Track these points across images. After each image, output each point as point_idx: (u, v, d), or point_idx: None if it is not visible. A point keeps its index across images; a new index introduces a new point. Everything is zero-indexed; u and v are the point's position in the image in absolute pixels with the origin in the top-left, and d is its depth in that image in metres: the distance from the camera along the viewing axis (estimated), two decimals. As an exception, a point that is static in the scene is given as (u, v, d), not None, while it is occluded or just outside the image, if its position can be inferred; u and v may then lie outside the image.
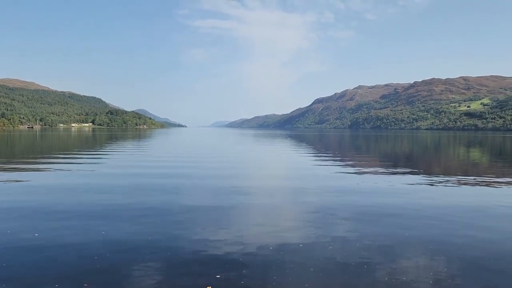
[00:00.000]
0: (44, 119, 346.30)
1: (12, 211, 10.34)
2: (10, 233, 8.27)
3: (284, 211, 10.98)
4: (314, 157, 30.71)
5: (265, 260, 6.84)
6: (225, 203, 11.65)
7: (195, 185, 15.22)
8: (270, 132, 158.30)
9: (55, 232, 8.37)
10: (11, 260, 6.71)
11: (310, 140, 73.74)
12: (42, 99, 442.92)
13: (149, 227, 8.86)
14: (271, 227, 9.05)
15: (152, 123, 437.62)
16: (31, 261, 6.69)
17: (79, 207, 10.97)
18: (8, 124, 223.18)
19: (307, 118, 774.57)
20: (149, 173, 19.13)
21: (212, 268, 6.42)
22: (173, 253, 7.14)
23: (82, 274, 6.12)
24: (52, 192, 13.44)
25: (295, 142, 60.02)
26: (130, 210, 10.64)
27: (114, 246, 7.52)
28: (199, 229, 8.76)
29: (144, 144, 53.36)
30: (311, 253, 7.17)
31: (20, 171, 19.49)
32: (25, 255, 6.95)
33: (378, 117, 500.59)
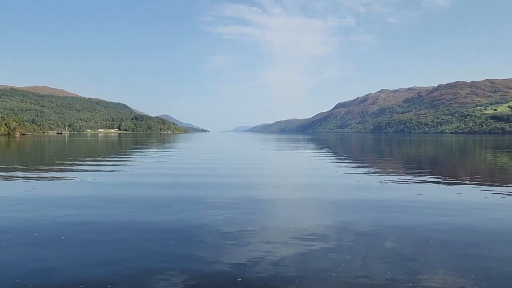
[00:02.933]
0: (73, 125, 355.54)
1: (41, 211, 10.86)
2: (37, 236, 8.73)
3: (306, 216, 11.13)
4: (337, 161, 30.76)
5: (287, 265, 6.99)
6: (246, 207, 11.87)
7: (214, 193, 15.60)
8: (291, 137, 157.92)
9: (80, 235, 8.80)
10: (39, 261, 7.09)
11: (333, 144, 73.28)
12: (71, 105, 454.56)
13: (171, 231, 9.21)
14: (292, 232, 9.20)
15: (176, 128, 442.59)
16: (58, 262, 7.06)
17: (103, 211, 11.45)
18: (38, 130, 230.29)
19: (329, 123, 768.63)
20: (173, 176, 19.70)
21: (233, 273, 6.64)
22: (194, 257, 7.38)
23: (106, 277, 6.39)
24: (81, 195, 13.95)
25: (318, 147, 59.87)
26: (152, 213, 10.98)
27: (137, 249, 7.79)
28: (220, 235, 8.99)
29: (174, 149, 54.26)
30: (333, 260, 7.23)
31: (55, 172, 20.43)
32: (51, 256, 7.35)
33: (401, 121, 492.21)
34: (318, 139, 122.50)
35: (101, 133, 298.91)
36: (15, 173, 21.11)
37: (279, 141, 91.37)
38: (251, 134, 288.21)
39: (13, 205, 12.42)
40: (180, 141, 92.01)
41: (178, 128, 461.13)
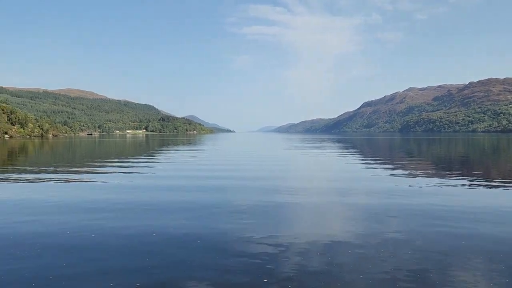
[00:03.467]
0: (102, 126, 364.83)
1: (71, 209, 11.20)
2: (69, 233, 9.00)
3: (333, 215, 11.08)
4: (365, 163, 30.35)
5: (314, 264, 6.99)
6: (274, 203, 11.90)
7: (248, 186, 15.71)
8: (317, 137, 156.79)
9: (111, 231, 9.08)
10: (71, 256, 7.32)
11: (360, 144, 72.27)
12: (100, 107, 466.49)
13: (199, 227, 9.38)
14: (319, 230, 9.21)
15: (202, 129, 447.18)
16: (88, 257, 7.29)
17: (132, 206, 11.69)
18: (70, 131, 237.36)
19: (355, 122, 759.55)
20: (202, 174, 19.98)
21: (260, 269, 6.69)
22: (222, 254, 7.48)
23: (135, 272, 6.60)
24: (113, 191, 14.34)
25: (344, 147, 59.22)
26: (179, 210, 11.16)
27: (165, 244, 8.03)
28: (248, 231, 9.06)
29: (201, 149, 54.88)
30: (361, 258, 7.20)
31: (88, 173, 21.04)
32: (81, 252, 7.59)
33: (431, 120, 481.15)
34: (344, 139, 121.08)
35: (129, 134, 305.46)
36: (49, 175, 21.74)
37: (305, 141, 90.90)
38: (276, 134, 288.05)
39: (46, 207, 12.79)
40: (206, 142, 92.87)
41: (204, 129, 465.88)
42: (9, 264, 7.02)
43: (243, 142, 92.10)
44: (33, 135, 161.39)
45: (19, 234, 9.09)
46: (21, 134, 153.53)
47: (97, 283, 6.19)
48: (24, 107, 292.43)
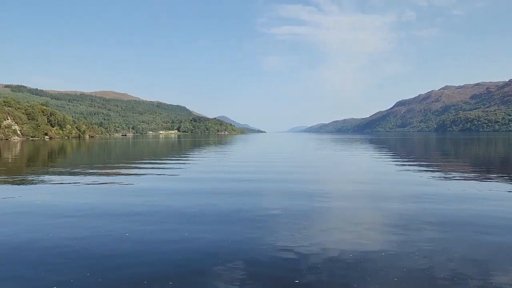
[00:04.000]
0: (136, 127, 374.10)
1: (105, 211, 11.49)
2: (104, 232, 9.22)
3: (365, 217, 10.82)
4: (400, 164, 29.57)
5: (346, 266, 6.87)
6: (305, 208, 11.77)
7: (279, 189, 15.65)
8: (349, 137, 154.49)
9: (144, 232, 9.18)
10: (103, 257, 7.46)
11: (394, 144, 70.64)
12: (134, 108, 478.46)
13: (229, 230, 9.33)
14: (351, 233, 9.05)
15: (233, 129, 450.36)
16: (122, 259, 7.42)
17: (166, 209, 11.83)
18: (105, 132, 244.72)
19: (388, 122, 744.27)
20: (232, 176, 20.08)
21: (291, 273, 6.62)
22: (252, 257, 7.44)
23: (167, 274, 6.66)
24: (146, 194, 14.62)
25: (378, 147, 57.99)
26: (211, 213, 11.22)
27: (196, 248, 8.00)
28: (278, 233, 9.00)
29: (232, 150, 55.22)
30: (394, 262, 7.04)
31: (123, 174, 21.55)
32: (115, 254, 7.72)
33: (468, 119, 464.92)
34: (378, 139, 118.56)
35: (162, 134, 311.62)
36: (87, 177, 22.32)
37: (336, 142, 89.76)
38: (307, 134, 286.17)
39: (83, 210, 13.10)
40: (237, 142, 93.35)
41: (235, 129, 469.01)
42: (41, 267, 7.20)
43: (273, 142, 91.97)
44: (71, 136, 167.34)
45: (55, 237, 9.32)
46: (60, 135, 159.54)
47: (131, 278, 6.30)
48: (62, 109, 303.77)
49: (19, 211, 11.82)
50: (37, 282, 6.30)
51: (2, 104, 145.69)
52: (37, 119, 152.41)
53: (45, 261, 7.23)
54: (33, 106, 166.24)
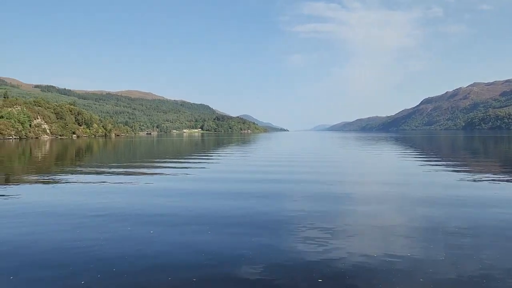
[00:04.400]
0: (160, 126, 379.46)
1: (130, 210, 11.66)
2: (130, 230, 9.34)
3: (392, 220, 10.57)
4: (429, 164, 28.86)
5: (371, 268, 6.76)
6: (330, 210, 11.65)
7: (303, 190, 15.50)
8: (373, 135, 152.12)
9: (167, 233, 9.27)
10: (130, 254, 7.58)
11: (421, 143, 69.12)
12: (158, 107, 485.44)
13: (252, 229, 9.32)
14: (377, 234, 8.90)
15: (256, 128, 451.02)
16: (146, 253, 7.53)
17: (188, 210, 11.92)
18: (130, 131, 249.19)
19: (414, 120, 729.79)
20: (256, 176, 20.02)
21: (314, 273, 6.56)
22: (276, 256, 7.41)
23: (191, 269, 6.75)
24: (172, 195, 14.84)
25: (404, 146, 56.84)
26: (234, 215, 11.23)
27: (217, 246, 8.04)
28: (302, 234, 8.92)
29: (256, 148, 55.25)
30: (420, 268, 6.83)
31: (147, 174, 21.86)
32: (138, 254, 7.81)
33: (498, 117, 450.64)
34: (404, 137, 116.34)
35: (185, 133, 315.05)
36: (112, 177, 22.67)
37: (360, 140, 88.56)
38: (330, 133, 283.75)
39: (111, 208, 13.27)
40: (260, 141, 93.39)
41: (258, 128, 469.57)
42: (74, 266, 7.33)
43: (296, 141, 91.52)
44: (97, 134, 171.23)
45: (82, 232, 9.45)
46: (87, 134, 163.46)
47: (155, 277, 6.37)
48: (89, 109, 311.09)
49: (47, 211, 12.11)
50: (62, 282, 6.42)
51: (32, 104, 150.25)
52: (65, 118, 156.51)
53: (69, 261, 7.37)
54: (61, 105, 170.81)
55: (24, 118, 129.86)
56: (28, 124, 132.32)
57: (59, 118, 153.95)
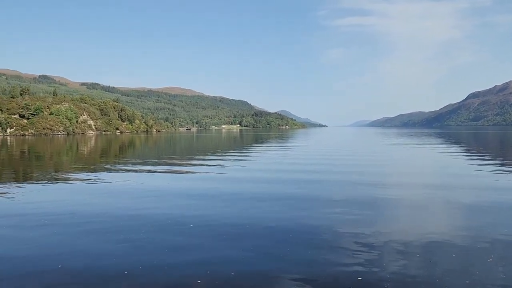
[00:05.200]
0: (199, 121, 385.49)
1: (172, 204, 11.96)
2: (170, 222, 9.59)
3: (436, 214, 10.29)
4: (478, 163, 27.62)
5: (413, 265, 6.61)
6: (366, 207, 11.52)
7: (340, 190, 15.28)
8: (416, 131, 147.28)
9: (206, 224, 9.43)
10: (170, 247, 7.78)
11: (467, 140, 66.15)
12: (198, 104, 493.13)
13: (290, 227, 9.28)
14: (419, 230, 8.67)
15: (294, 124, 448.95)
16: (185, 244, 7.67)
17: (228, 197, 12.08)
18: (171, 126, 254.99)
19: (460, 115, 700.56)
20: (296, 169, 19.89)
21: (352, 270, 6.48)
22: (315, 253, 7.38)
23: (230, 264, 6.85)
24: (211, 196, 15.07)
25: (450, 143, 54.65)
26: (272, 202, 11.28)
27: (256, 242, 8.08)
28: (342, 233, 8.83)
29: (294, 144, 55.04)
30: (465, 265, 6.66)
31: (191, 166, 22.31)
32: (180, 244, 7.98)
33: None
34: (448, 133, 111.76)
35: (224, 129, 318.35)
36: (159, 167, 23.23)
37: (403, 136, 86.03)
38: (371, 129, 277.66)
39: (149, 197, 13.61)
40: (298, 136, 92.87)
41: (296, 123, 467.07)
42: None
43: (335, 137, 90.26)
44: (139, 130, 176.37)
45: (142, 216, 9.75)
46: (129, 130, 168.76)
47: (194, 271, 6.51)
48: (132, 105, 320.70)
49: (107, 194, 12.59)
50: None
51: (79, 101, 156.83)
52: (109, 114, 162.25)
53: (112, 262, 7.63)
54: (105, 102, 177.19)
55: (71, 115, 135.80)
56: (75, 120, 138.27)
57: (103, 115, 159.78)
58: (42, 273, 6.49)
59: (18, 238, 8.53)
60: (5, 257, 7.29)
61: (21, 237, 8.55)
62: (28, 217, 10.36)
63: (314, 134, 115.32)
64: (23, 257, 7.25)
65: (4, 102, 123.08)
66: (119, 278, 6.29)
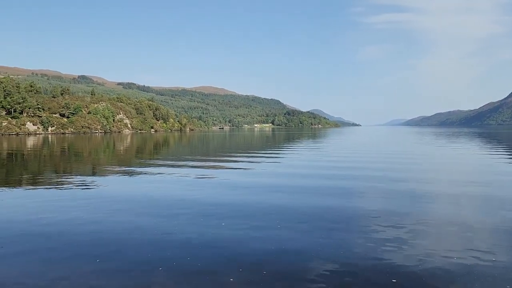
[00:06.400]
0: (232, 120, 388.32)
1: (204, 201, 12.03)
2: (202, 220, 9.65)
3: (476, 226, 9.80)
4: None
5: (449, 272, 6.35)
6: (405, 208, 11.17)
7: (376, 187, 14.98)
8: (455, 130, 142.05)
9: (237, 222, 9.44)
10: (202, 244, 7.82)
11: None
12: (230, 102, 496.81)
13: (324, 225, 9.17)
14: (458, 239, 8.33)
15: (327, 123, 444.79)
16: (220, 246, 7.70)
17: (258, 204, 12.06)
18: (204, 125, 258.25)
19: (501, 114, 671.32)
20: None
21: (388, 273, 6.32)
22: (348, 254, 7.25)
23: (262, 262, 6.82)
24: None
25: (492, 144, 52.44)
26: (303, 207, 11.13)
27: (287, 241, 8.03)
28: (376, 232, 8.63)
29: (328, 143, 54.52)
30: (505, 271, 6.33)
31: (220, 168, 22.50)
32: (213, 243, 8.03)
33: None
34: (489, 132, 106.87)
35: (256, 128, 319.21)
36: (190, 170, 23.56)
37: (440, 135, 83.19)
38: (406, 128, 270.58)
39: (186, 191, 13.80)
40: (331, 136, 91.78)
41: (329, 122, 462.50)
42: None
43: (370, 136, 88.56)
44: (173, 129, 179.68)
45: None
46: (163, 128, 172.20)
47: (228, 270, 6.52)
48: (166, 104, 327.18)
49: (139, 200, 12.91)
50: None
51: (115, 100, 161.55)
52: (144, 113, 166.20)
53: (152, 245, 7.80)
54: (141, 101, 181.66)
55: (108, 114, 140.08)
56: (112, 119, 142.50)
57: (139, 113, 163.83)
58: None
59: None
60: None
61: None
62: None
63: (348, 133, 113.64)
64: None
65: (46, 102, 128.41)
66: (158, 262, 6.39)
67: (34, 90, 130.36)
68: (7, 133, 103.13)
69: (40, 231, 8.87)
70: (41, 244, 7.94)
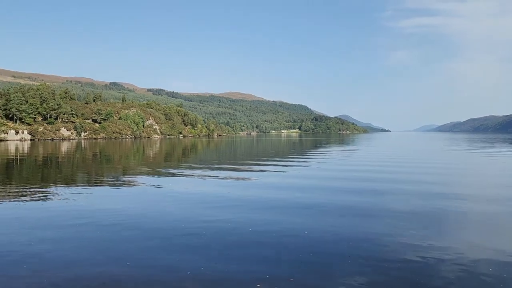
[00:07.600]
0: (259, 126, 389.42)
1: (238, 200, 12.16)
2: (230, 225, 9.73)
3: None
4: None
5: (478, 281, 6.19)
6: (436, 215, 10.96)
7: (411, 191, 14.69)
8: (490, 137, 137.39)
9: (267, 223, 9.48)
10: (235, 243, 7.90)
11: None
12: (258, 108, 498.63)
13: (350, 227, 9.14)
14: (491, 244, 8.12)
15: (355, 128, 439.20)
16: (244, 249, 7.76)
17: (282, 205, 12.07)
18: (231, 131, 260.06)
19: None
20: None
21: (420, 278, 6.21)
22: (375, 256, 7.17)
23: (289, 265, 6.79)
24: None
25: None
26: (332, 210, 11.08)
27: (317, 243, 8.04)
28: (405, 238, 8.50)
29: (357, 150, 53.88)
30: None
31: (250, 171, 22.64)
32: (240, 244, 8.09)
33: None
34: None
35: (283, 133, 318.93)
36: (221, 172, 23.76)
37: (474, 142, 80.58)
38: (438, 134, 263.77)
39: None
40: (360, 142, 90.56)
41: (357, 128, 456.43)
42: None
43: (400, 142, 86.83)
44: (201, 134, 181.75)
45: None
46: (192, 134, 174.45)
47: (253, 272, 6.56)
48: (194, 110, 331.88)
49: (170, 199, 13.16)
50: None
51: (145, 106, 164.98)
52: (173, 119, 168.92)
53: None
54: (170, 107, 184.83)
55: (138, 119, 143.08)
56: (142, 125, 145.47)
57: (167, 119, 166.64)
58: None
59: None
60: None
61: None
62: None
63: (377, 139, 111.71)
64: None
65: (79, 108, 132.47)
66: (180, 276, 6.50)
67: (68, 97, 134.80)
68: (43, 138, 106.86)
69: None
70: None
